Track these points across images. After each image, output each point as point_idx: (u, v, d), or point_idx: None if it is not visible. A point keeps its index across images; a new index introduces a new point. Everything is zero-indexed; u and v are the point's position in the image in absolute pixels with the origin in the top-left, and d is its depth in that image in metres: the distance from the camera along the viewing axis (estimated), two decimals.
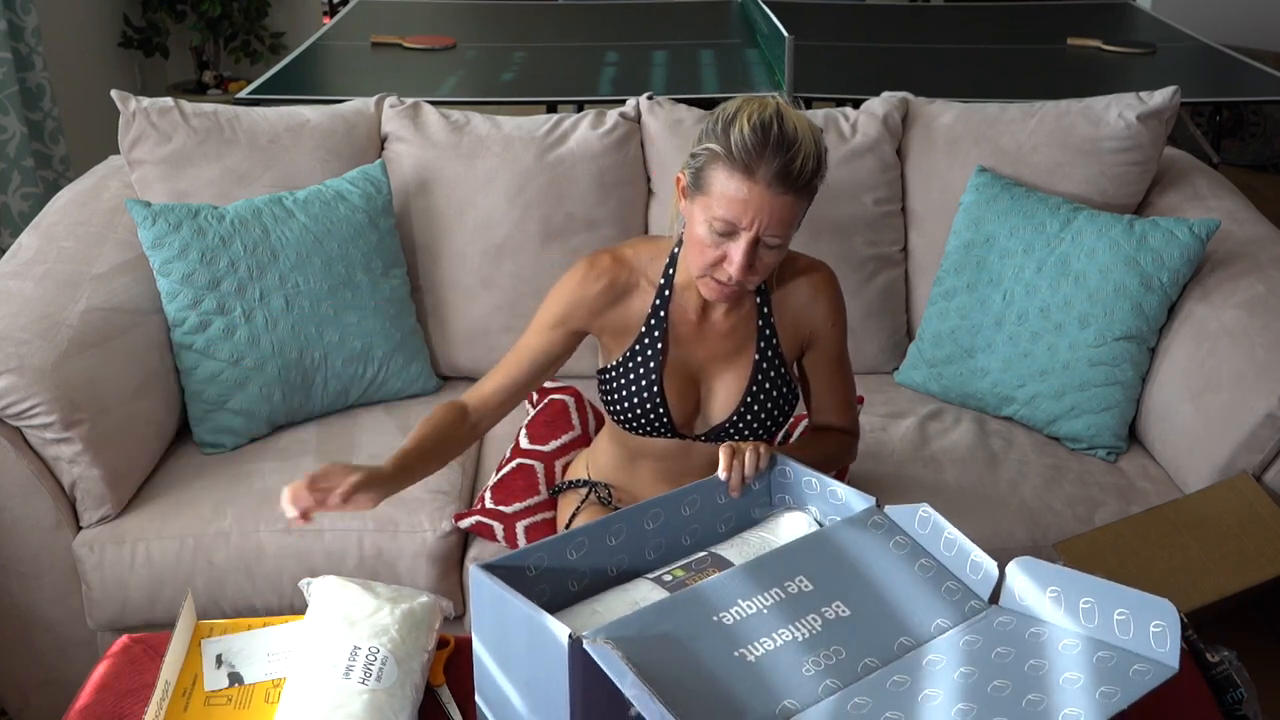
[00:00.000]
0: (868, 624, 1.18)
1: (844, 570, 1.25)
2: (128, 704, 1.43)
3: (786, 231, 1.48)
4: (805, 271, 1.69)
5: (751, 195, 1.44)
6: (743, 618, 1.16)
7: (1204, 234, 2.16)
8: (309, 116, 2.40)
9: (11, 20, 3.60)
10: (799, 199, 1.47)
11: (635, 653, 1.07)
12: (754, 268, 1.50)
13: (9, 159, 3.60)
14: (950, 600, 1.24)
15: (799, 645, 1.14)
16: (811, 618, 1.18)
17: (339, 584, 1.47)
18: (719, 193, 1.46)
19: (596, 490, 1.85)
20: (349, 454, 2.12)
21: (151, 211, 2.13)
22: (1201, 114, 4.80)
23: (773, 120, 1.44)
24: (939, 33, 4.34)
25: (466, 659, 1.51)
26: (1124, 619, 1.13)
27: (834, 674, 1.11)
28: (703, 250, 1.51)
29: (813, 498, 1.44)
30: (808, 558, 1.26)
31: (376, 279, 2.25)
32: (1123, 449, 2.19)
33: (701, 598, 1.17)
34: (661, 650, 1.09)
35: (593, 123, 2.42)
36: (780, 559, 1.25)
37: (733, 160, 1.44)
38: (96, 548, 1.95)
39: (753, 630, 1.15)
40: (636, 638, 1.09)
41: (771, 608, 1.18)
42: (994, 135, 2.41)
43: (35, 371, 1.89)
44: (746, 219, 1.45)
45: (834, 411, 1.76)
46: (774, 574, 1.23)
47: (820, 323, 1.69)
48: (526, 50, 3.98)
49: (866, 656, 1.14)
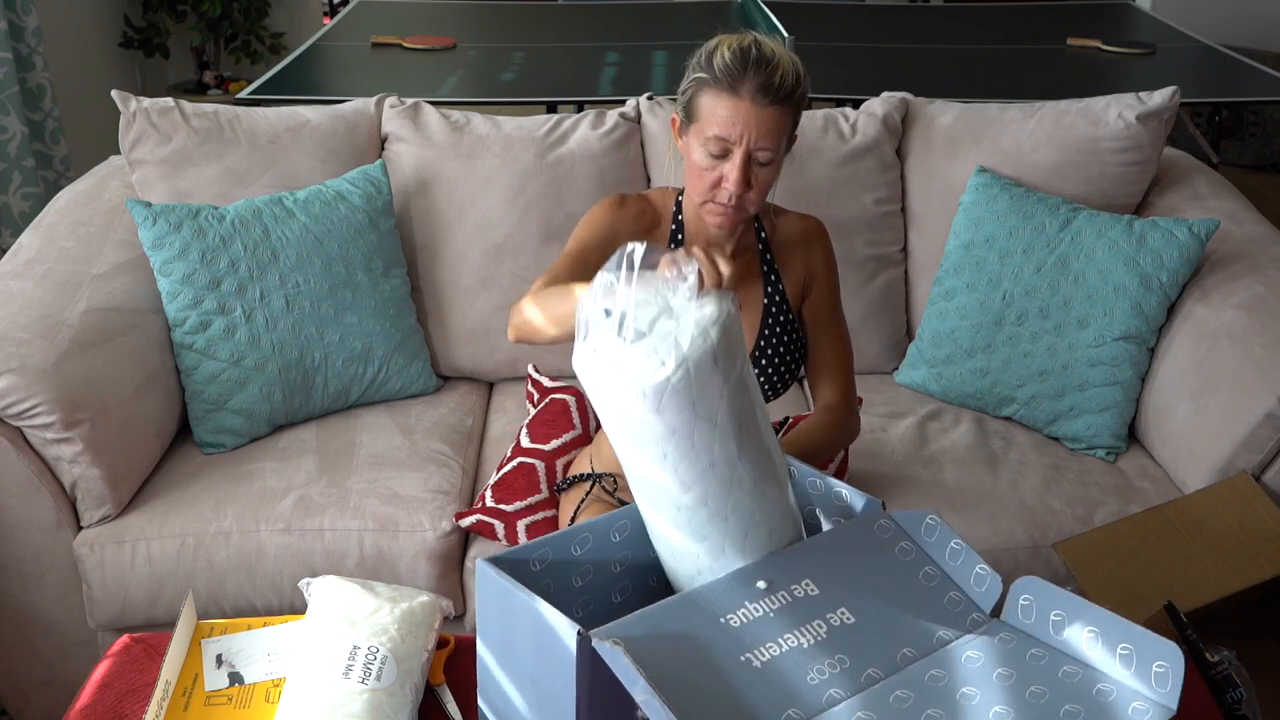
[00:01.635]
0: (872, 633, 1.18)
1: (849, 575, 1.25)
2: (128, 704, 1.43)
3: (776, 144, 1.58)
4: (799, 220, 1.82)
5: (739, 110, 1.55)
6: (749, 620, 1.15)
7: (1203, 234, 2.16)
8: (309, 117, 2.40)
9: (12, 21, 3.60)
10: (783, 111, 1.57)
11: (643, 653, 1.06)
12: (750, 185, 1.59)
13: (10, 159, 3.60)
14: (953, 612, 1.23)
15: (805, 652, 1.13)
16: (817, 624, 1.17)
17: (339, 583, 1.47)
18: (709, 114, 1.57)
19: (602, 482, 1.86)
20: (349, 454, 2.12)
21: (152, 211, 2.14)
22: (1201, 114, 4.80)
23: (751, 45, 1.57)
24: (939, 33, 4.35)
25: (467, 659, 1.51)
26: (1127, 654, 1.11)
27: (839, 683, 1.11)
28: (701, 175, 1.61)
29: (816, 498, 1.43)
30: (813, 560, 1.25)
31: (377, 279, 2.25)
32: (1122, 449, 2.19)
33: (708, 599, 1.17)
34: (670, 652, 1.09)
35: (593, 123, 2.42)
36: (787, 560, 1.25)
37: (718, 82, 1.56)
38: (97, 548, 1.96)
39: (759, 634, 1.14)
40: (645, 638, 1.09)
41: (778, 611, 1.17)
42: (994, 135, 2.41)
43: (36, 371, 1.89)
44: (736, 133, 1.56)
45: (830, 371, 1.78)
46: (780, 576, 1.22)
47: (817, 267, 1.79)
48: (526, 50, 3.99)
49: (870, 667, 1.13)
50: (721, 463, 1.24)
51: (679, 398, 1.19)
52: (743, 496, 1.27)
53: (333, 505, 1.99)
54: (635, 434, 1.24)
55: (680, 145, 1.67)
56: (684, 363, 1.18)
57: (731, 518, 1.27)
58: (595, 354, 1.20)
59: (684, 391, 1.19)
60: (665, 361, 1.18)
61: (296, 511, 1.98)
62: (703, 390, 1.20)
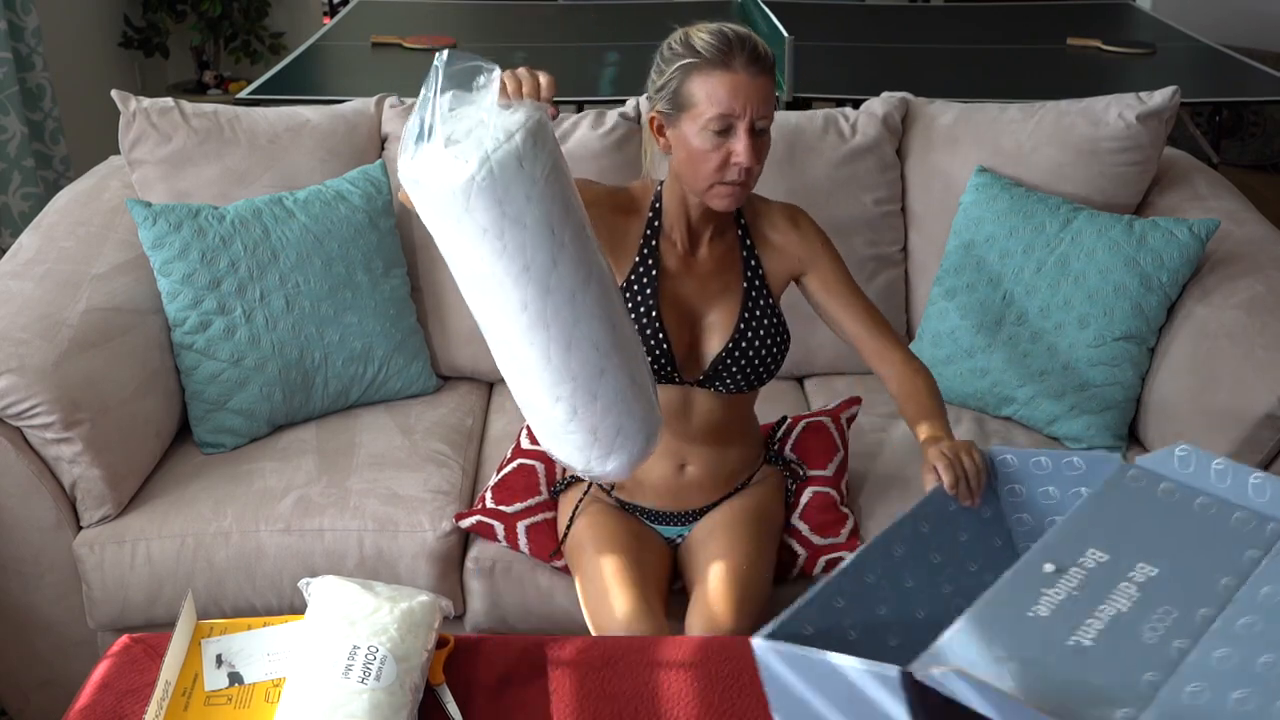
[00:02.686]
0: (1181, 576, 1.13)
1: (1129, 532, 1.20)
2: (128, 704, 1.43)
3: (771, 111, 1.63)
4: (780, 207, 1.83)
5: (738, 84, 1.59)
6: (1057, 605, 1.11)
7: (1204, 234, 2.16)
8: (309, 116, 2.40)
9: (12, 21, 3.60)
10: (770, 79, 1.62)
11: (977, 668, 1.01)
12: (757, 154, 1.63)
13: (9, 159, 3.60)
14: (1247, 529, 1.18)
15: (1128, 616, 1.09)
16: (1124, 585, 1.13)
17: (338, 583, 1.47)
18: (706, 96, 1.60)
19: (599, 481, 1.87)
20: (349, 454, 2.12)
21: (152, 211, 2.14)
22: (1201, 114, 4.80)
23: (719, 26, 1.62)
24: (939, 33, 4.35)
25: (466, 658, 1.51)
26: None
27: (1178, 633, 1.06)
28: (705, 158, 1.62)
29: (1046, 478, 1.41)
30: (1088, 530, 1.21)
31: (377, 279, 2.25)
32: (1122, 449, 2.19)
33: (1006, 600, 1.13)
34: (998, 661, 1.04)
35: (593, 123, 2.42)
36: (1062, 538, 1.20)
37: (709, 62, 1.59)
38: (97, 548, 1.96)
39: (1074, 615, 1.10)
40: (967, 655, 1.04)
41: (1079, 587, 1.13)
42: (994, 135, 2.41)
43: (35, 371, 1.89)
44: (739, 106, 1.59)
45: (880, 330, 1.77)
46: (1064, 555, 1.18)
47: (810, 250, 1.80)
48: (526, 50, 3.98)
49: (1200, 608, 1.09)
50: (536, 267, 1.31)
51: (484, 196, 1.27)
52: (561, 304, 1.33)
53: (332, 505, 1.99)
54: (453, 239, 1.32)
55: (665, 141, 1.68)
56: (486, 161, 1.26)
57: (553, 325, 1.34)
58: (412, 161, 1.28)
59: (489, 190, 1.27)
60: (469, 160, 1.26)
61: (296, 511, 1.98)
62: (509, 190, 1.27)
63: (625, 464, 1.50)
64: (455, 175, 1.27)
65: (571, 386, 1.41)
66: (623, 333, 1.44)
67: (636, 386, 1.47)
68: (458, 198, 1.27)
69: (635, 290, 1.75)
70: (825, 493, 1.96)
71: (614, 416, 1.45)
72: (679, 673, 1.49)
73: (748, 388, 1.80)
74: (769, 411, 2.16)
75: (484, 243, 1.30)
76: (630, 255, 1.76)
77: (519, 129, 1.29)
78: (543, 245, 1.31)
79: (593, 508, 1.87)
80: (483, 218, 1.28)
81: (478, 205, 1.28)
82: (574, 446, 1.47)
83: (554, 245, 1.32)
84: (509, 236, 1.30)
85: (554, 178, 1.33)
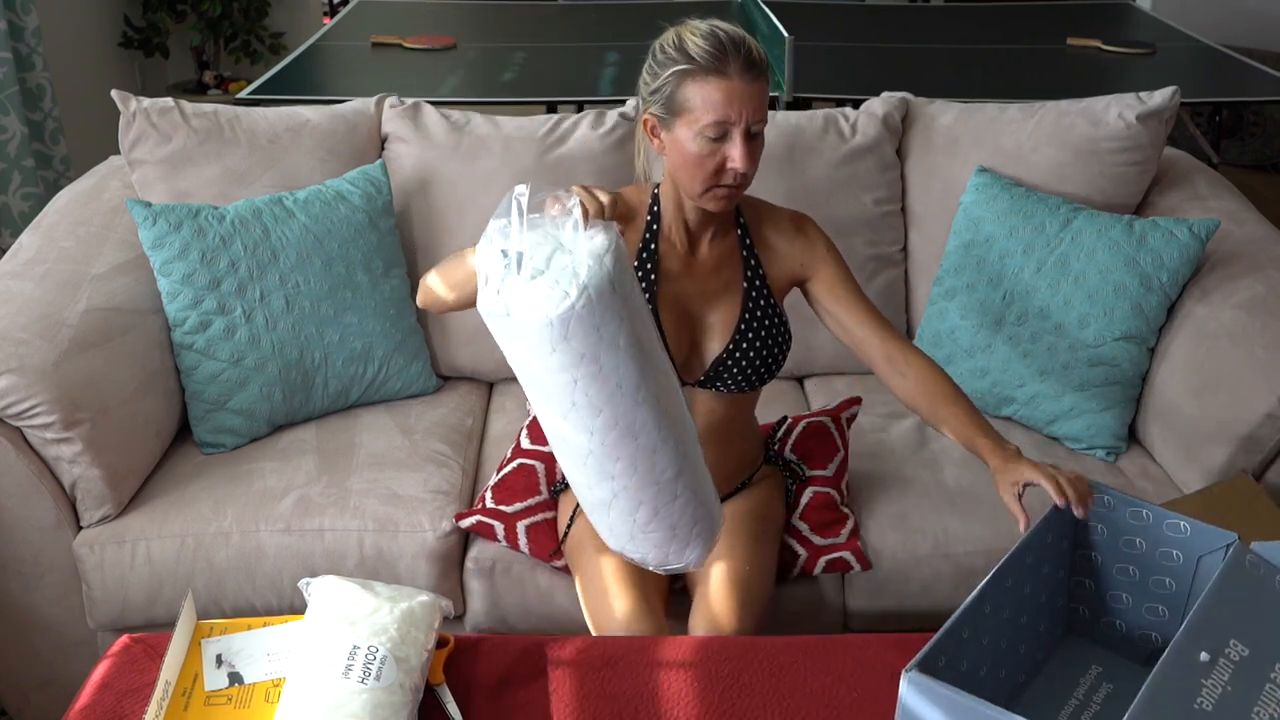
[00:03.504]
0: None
1: (1264, 625, 1.22)
2: (128, 704, 1.43)
3: (765, 115, 1.62)
4: (787, 214, 1.82)
5: (732, 90, 1.57)
6: (1216, 699, 1.13)
7: (1203, 234, 2.16)
8: (309, 117, 2.40)
9: (12, 21, 3.60)
10: (764, 82, 1.61)
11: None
12: (752, 158, 1.63)
13: (9, 159, 3.61)
14: None
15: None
16: (1270, 689, 1.16)
17: (338, 583, 1.47)
18: (701, 102, 1.58)
19: None
20: (349, 454, 2.12)
21: (152, 211, 2.14)
22: (1201, 114, 4.80)
23: (712, 29, 1.60)
24: (939, 33, 4.35)
25: (466, 658, 1.51)
26: None
27: None
28: (701, 163, 1.62)
29: (1143, 529, 1.40)
30: (1229, 620, 1.22)
31: (377, 279, 2.25)
32: (1122, 449, 2.19)
33: (1171, 687, 1.13)
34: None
35: (593, 123, 2.42)
36: (1207, 625, 1.21)
37: (703, 69, 1.58)
38: (97, 548, 1.96)
39: (1233, 712, 1.12)
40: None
41: (1231, 681, 1.15)
42: (994, 135, 2.41)
43: (36, 371, 1.89)
44: (734, 112, 1.58)
45: (885, 332, 1.76)
46: (1212, 644, 1.18)
47: (813, 255, 1.79)
48: (526, 50, 3.98)
49: None
50: (627, 384, 1.32)
51: (584, 324, 1.27)
52: (648, 415, 1.35)
53: (332, 505, 1.99)
54: (545, 365, 1.31)
55: (659, 143, 1.67)
56: (585, 290, 1.26)
57: (640, 435, 1.36)
58: (499, 295, 1.28)
59: (587, 318, 1.27)
60: (568, 292, 1.26)
61: (296, 511, 1.98)
62: (605, 315, 1.28)
63: (703, 551, 1.53)
64: (553, 306, 1.26)
65: (655, 490, 1.43)
66: (685, 421, 1.46)
67: (701, 473, 1.49)
68: (556, 328, 1.27)
69: None
70: (825, 493, 1.96)
71: (691, 509, 1.48)
72: (679, 673, 1.49)
73: (749, 388, 1.79)
74: (769, 411, 2.16)
75: (579, 368, 1.30)
76: (632, 250, 1.75)
77: (606, 252, 1.30)
78: (633, 362, 1.33)
79: None
80: (580, 344, 1.29)
81: (576, 333, 1.28)
82: (652, 544, 1.50)
83: (642, 359, 1.34)
84: (604, 359, 1.31)
85: (635, 293, 1.35)
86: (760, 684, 1.48)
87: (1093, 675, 1.46)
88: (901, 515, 2.00)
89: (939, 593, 1.98)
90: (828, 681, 1.48)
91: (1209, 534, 1.36)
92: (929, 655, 1.19)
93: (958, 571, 1.97)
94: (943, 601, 1.97)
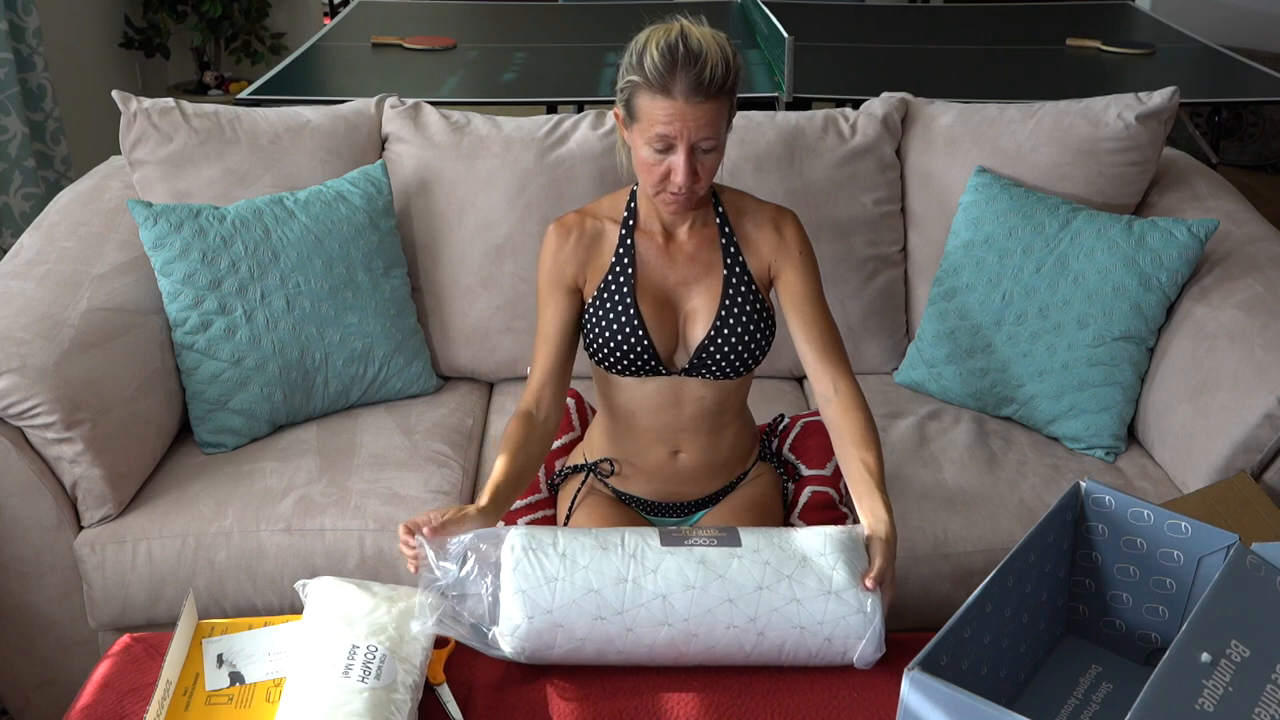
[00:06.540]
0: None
1: (1263, 626, 1.23)
2: (129, 703, 1.43)
3: (716, 134, 1.62)
4: (771, 209, 1.82)
5: (675, 111, 1.58)
6: (1219, 700, 1.14)
7: (1203, 234, 2.16)
8: (310, 117, 2.40)
9: (12, 21, 3.61)
10: (718, 103, 1.60)
11: None
12: (697, 173, 1.64)
13: (10, 159, 3.61)
14: None
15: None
16: (1270, 689, 1.17)
17: (335, 584, 1.48)
18: (647, 116, 1.61)
19: (597, 469, 1.88)
20: (350, 454, 2.12)
21: (153, 212, 2.14)
22: (1200, 114, 4.80)
23: (678, 40, 1.59)
24: (939, 33, 4.35)
25: (467, 658, 1.51)
26: None
27: None
28: (650, 169, 1.65)
29: (1144, 529, 1.41)
30: (1230, 620, 1.23)
31: (377, 279, 2.26)
32: (1121, 449, 2.19)
33: (1173, 685, 1.14)
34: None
35: (593, 123, 2.42)
36: (1207, 626, 1.22)
37: (651, 85, 1.59)
38: (98, 547, 1.96)
39: (1234, 713, 1.13)
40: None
41: (1232, 681, 1.16)
42: (994, 136, 2.41)
43: (37, 371, 1.90)
44: (675, 131, 1.59)
45: (827, 351, 1.76)
46: (1213, 644, 1.19)
47: (785, 253, 1.79)
48: (527, 50, 3.99)
49: None
50: (614, 626, 1.49)
51: (539, 642, 1.48)
52: (651, 613, 1.50)
53: (333, 505, 2.00)
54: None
55: (626, 138, 1.70)
56: (520, 640, 1.48)
57: (670, 623, 1.49)
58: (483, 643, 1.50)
59: (536, 647, 1.49)
60: (506, 646, 1.50)
61: (297, 511, 1.99)
62: (542, 635, 1.48)
63: (858, 649, 1.52)
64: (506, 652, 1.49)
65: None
66: (689, 565, 1.52)
67: (781, 594, 1.52)
68: (522, 657, 1.50)
69: (611, 289, 1.75)
70: (823, 492, 1.96)
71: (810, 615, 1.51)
72: (679, 671, 1.50)
73: (734, 374, 1.80)
74: (767, 411, 2.16)
75: (578, 656, 1.49)
76: (607, 259, 1.77)
77: (504, 588, 1.47)
78: (587, 619, 1.47)
79: (591, 499, 1.88)
80: (561, 651, 1.49)
81: (542, 651, 1.49)
82: (837, 655, 1.52)
83: (593, 611, 1.47)
84: (584, 645, 1.48)
85: (550, 562, 1.49)
86: (761, 683, 1.48)
87: (1093, 675, 1.46)
88: (901, 515, 2.00)
89: (938, 592, 1.98)
90: (828, 680, 1.48)
91: (1210, 534, 1.37)
92: (931, 654, 1.19)
93: (957, 571, 1.97)
94: (942, 601, 1.98)
